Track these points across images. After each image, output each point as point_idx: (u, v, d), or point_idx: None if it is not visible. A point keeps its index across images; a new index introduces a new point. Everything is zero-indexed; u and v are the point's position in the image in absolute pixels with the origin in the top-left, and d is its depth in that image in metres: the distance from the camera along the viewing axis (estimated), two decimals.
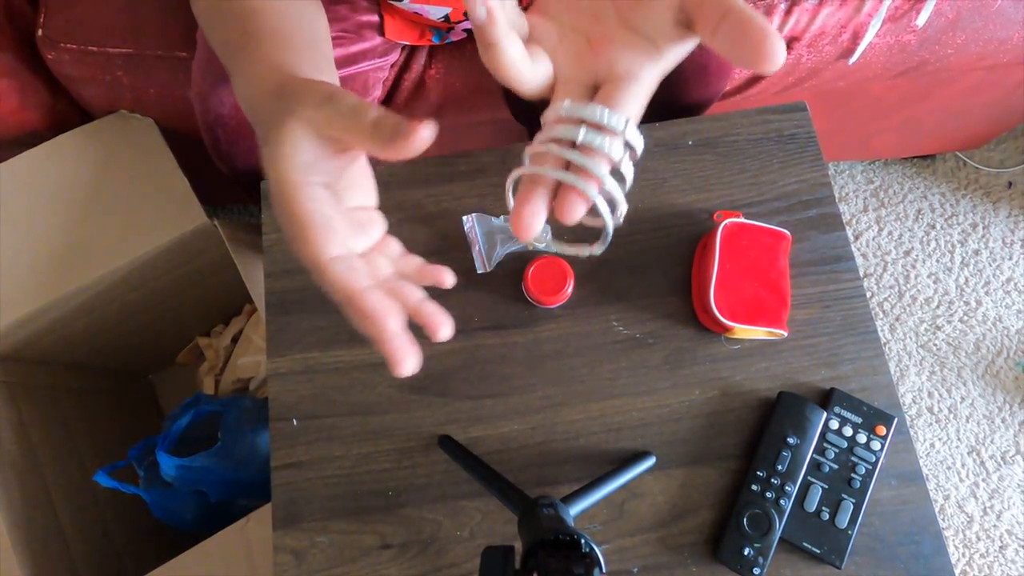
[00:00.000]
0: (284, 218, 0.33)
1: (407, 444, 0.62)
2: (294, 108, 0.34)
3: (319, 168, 0.34)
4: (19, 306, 0.84)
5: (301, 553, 0.59)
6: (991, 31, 0.89)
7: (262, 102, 0.39)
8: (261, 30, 0.46)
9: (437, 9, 0.70)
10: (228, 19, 0.49)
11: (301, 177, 0.33)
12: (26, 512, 0.82)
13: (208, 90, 0.71)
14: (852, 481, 0.58)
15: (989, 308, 1.29)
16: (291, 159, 0.33)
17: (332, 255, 0.33)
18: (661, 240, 0.66)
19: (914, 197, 1.36)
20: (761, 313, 0.60)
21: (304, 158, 0.33)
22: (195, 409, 0.93)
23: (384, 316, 0.32)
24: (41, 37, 0.84)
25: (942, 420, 1.24)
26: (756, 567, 0.56)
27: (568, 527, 0.43)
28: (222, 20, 0.50)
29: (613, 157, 0.32)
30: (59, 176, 0.89)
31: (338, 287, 0.33)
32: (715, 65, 0.71)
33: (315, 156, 0.34)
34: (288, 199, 0.33)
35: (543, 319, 0.64)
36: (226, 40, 0.48)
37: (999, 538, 1.18)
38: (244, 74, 0.43)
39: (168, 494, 0.90)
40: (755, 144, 0.68)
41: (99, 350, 1.05)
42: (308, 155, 0.34)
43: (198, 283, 1.02)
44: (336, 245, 0.33)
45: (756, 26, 0.27)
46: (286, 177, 0.33)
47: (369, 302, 0.32)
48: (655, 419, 0.62)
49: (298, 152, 0.33)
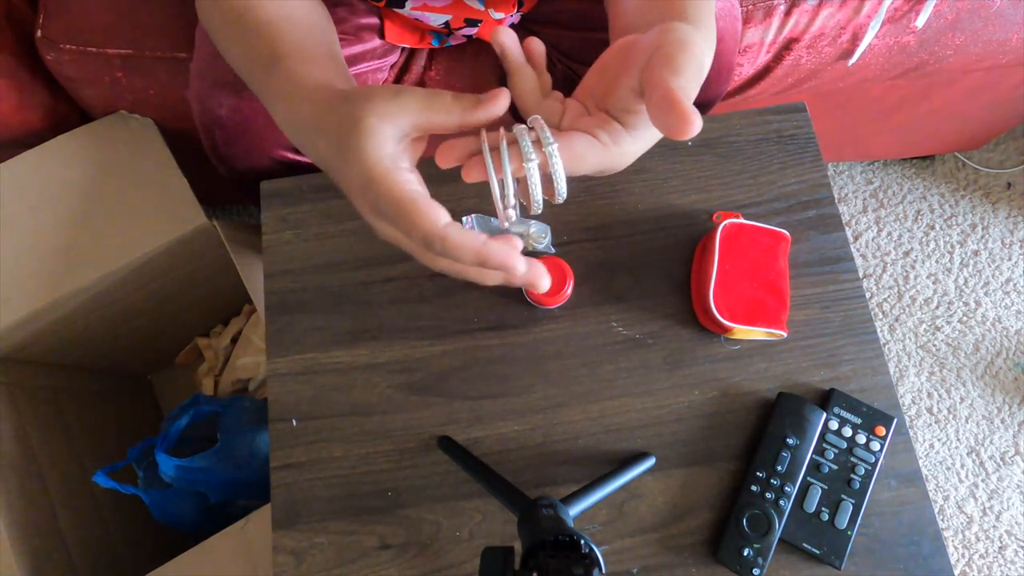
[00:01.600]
0: (385, 205, 0.36)
1: (407, 444, 0.62)
2: (367, 107, 0.37)
3: (402, 156, 0.37)
4: (19, 307, 0.84)
5: (300, 554, 0.59)
6: (990, 32, 0.89)
7: (319, 112, 0.41)
8: (289, 48, 0.47)
9: (437, 16, 0.70)
10: (249, 37, 0.49)
11: (391, 164, 0.36)
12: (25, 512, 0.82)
13: (206, 92, 0.71)
14: (851, 482, 0.58)
15: (988, 309, 1.29)
16: (378, 152, 0.36)
17: (444, 222, 0.35)
18: (661, 240, 0.66)
19: (913, 198, 1.36)
20: (760, 314, 0.60)
21: (389, 149, 0.36)
22: (194, 410, 0.93)
23: (511, 256, 0.35)
24: (40, 38, 0.84)
25: (941, 421, 1.24)
26: (756, 568, 0.56)
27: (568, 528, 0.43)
28: (243, 37, 0.50)
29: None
30: (59, 176, 0.89)
31: (464, 248, 0.35)
32: (716, 68, 0.71)
33: (395, 147, 0.37)
34: (387, 188, 0.36)
35: (543, 320, 0.64)
36: (249, 58, 0.49)
37: (998, 539, 1.18)
38: (284, 93, 0.45)
39: (167, 495, 0.90)
40: (755, 145, 0.68)
41: (99, 351, 1.05)
42: (391, 146, 0.36)
43: (197, 283, 1.02)
44: (443, 214, 0.36)
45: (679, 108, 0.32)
46: (377, 169, 0.36)
47: (494, 249, 0.35)
48: (655, 420, 0.62)
49: (382, 145, 0.36)
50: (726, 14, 0.69)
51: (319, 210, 0.68)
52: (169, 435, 0.90)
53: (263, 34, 0.48)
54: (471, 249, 0.35)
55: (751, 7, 0.83)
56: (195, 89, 0.73)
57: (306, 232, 0.68)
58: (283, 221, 0.68)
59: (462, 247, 0.35)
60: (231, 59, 0.53)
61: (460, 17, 0.71)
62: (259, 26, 0.49)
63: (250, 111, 0.70)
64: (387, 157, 0.37)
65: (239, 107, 0.70)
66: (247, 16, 0.49)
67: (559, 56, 0.77)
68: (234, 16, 0.50)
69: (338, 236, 0.67)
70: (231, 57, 0.53)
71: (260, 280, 0.68)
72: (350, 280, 0.66)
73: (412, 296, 0.65)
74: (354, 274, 0.66)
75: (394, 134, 0.37)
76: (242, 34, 0.50)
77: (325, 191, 0.69)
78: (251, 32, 0.49)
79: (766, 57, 0.89)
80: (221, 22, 0.52)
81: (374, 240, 0.67)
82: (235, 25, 0.51)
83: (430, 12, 0.69)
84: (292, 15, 0.50)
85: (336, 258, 0.67)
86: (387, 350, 0.64)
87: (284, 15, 0.49)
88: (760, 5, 0.83)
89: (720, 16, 0.68)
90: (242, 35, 0.50)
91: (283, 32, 0.48)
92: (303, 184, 0.69)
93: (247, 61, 0.50)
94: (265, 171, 0.73)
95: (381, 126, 0.36)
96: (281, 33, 0.48)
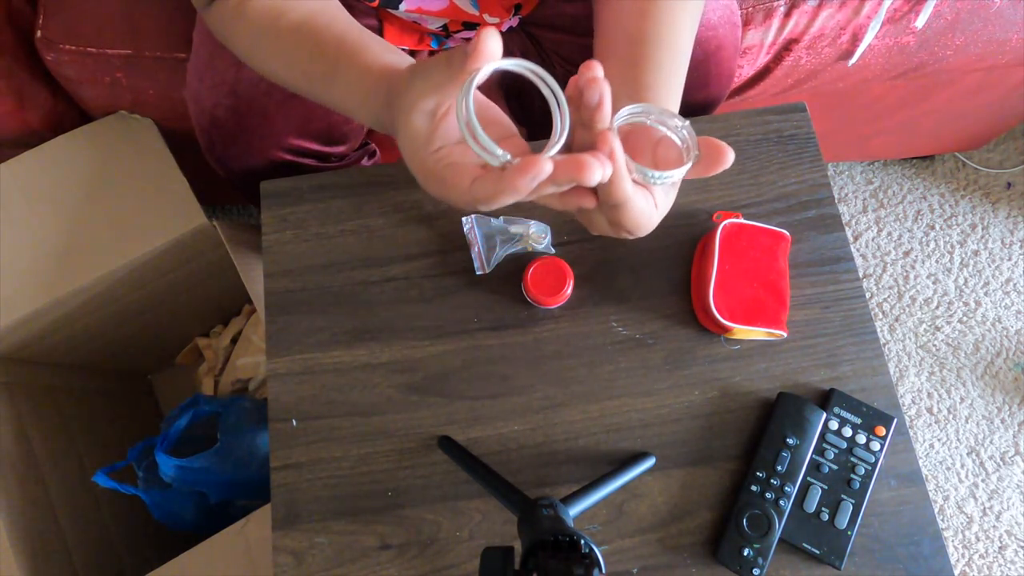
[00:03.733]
0: (428, 184, 0.39)
1: (407, 444, 0.62)
2: (396, 103, 0.39)
3: (430, 139, 0.39)
4: (19, 306, 0.84)
5: (300, 554, 0.59)
6: (990, 32, 0.89)
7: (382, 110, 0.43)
8: (340, 54, 0.48)
9: (435, 20, 0.70)
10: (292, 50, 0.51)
11: (420, 147, 0.39)
12: (25, 512, 0.82)
13: (204, 92, 0.71)
14: (851, 482, 0.58)
15: (988, 309, 1.29)
16: (408, 147, 0.39)
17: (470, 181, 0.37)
18: (661, 240, 0.66)
19: (913, 198, 1.36)
20: (760, 314, 0.60)
21: (417, 141, 0.39)
22: (194, 410, 0.93)
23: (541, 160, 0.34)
24: (40, 38, 0.84)
25: (941, 421, 1.24)
26: (756, 568, 0.56)
27: (568, 528, 0.43)
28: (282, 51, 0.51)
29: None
30: (59, 176, 0.89)
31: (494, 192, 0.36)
32: (717, 74, 0.72)
33: (429, 125, 0.38)
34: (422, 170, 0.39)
35: (543, 319, 0.64)
36: (304, 71, 0.51)
37: (998, 539, 1.18)
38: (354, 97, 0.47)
39: (167, 495, 0.90)
40: (755, 145, 0.68)
41: (98, 351, 1.05)
42: (420, 136, 0.38)
43: (197, 284, 1.02)
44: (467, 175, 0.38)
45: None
46: (407, 153, 0.39)
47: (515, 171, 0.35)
48: (655, 420, 0.62)
49: (411, 139, 0.39)
50: (726, 21, 0.69)
51: (319, 210, 0.68)
52: (169, 435, 0.90)
53: (304, 44, 0.50)
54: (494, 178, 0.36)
55: (751, 9, 0.83)
56: (192, 90, 0.72)
57: (306, 232, 0.68)
58: (283, 221, 0.68)
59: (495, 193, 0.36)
60: (273, 75, 0.54)
61: (457, 21, 0.71)
62: (296, 35, 0.50)
63: (247, 112, 0.70)
64: (420, 147, 0.39)
65: (236, 108, 0.70)
66: (278, 26, 0.51)
67: (558, 60, 0.76)
68: (264, 27, 0.51)
69: (338, 236, 0.67)
70: (273, 73, 0.54)
71: (260, 280, 0.68)
72: (350, 280, 0.66)
73: (412, 296, 0.65)
74: (354, 274, 0.66)
75: (426, 119, 0.38)
76: (280, 47, 0.51)
77: (325, 191, 0.69)
78: (290, 44, 0.50)
79: (766, 58, 0.89)
80: (250, 35, 0.53)
81: (374, 240, 0.67)
82: (268, 37, 0.52)
83: (426, 15, 0.69)
84: (319, 9, 0.51)
85: (336, 258, 0.67)
86: (387, 350, 0.64)
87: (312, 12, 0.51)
88: (760, 7, 0.83)
89: (719, 24, 0.68)
90: (280, 48, 0.51)
91: (320, 35, 0.49)
92: (303, 184, 0.69)
93: (300, 76, 0.51)
94: (263, 172, 0.73)
95: (407, 120, 0.38)
96: (320, 36, 0.49)
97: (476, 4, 0.68)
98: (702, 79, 0.70)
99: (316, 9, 0.51)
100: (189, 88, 0.73)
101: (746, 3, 0.82)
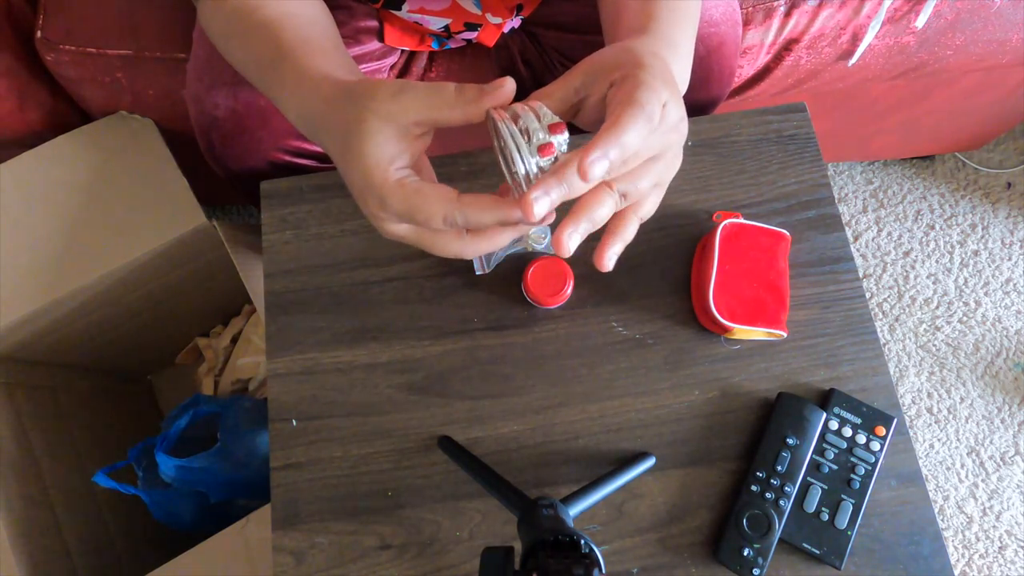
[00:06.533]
0: (394, 203, 0.38)
1: (407, 445, 0.62)
2: (369, 106, 0.37)
3: (401, 156, 0.38)
4: (19, 306, 0.84)
5: (300, 554, 0.59)
6: (990, 32, 0.89)
7: (325, 109, 0.41)
8: (293, 42, 0.47)
9: (437, 20, 0.70)
10: (252, 36, 0.49)
11: (390, 167, 0.37)
12: (25, 512, 0.82)
13: (203, 92, 0.71)
14: (851, 482, 0.58)
15: (988, 309, 1.29)
16: (377, 155, 0.37)
17: (454, 195, 0.37)
18: (660, 241, 0.66)
19: (913, 198, 1.36)
20: (760, 314, 0.60)
21: (389, 151, 0.37)
22: (194, 410, 0.93)
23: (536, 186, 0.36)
24: (40, 39, 0.84)
25: (941, 421, 1.24)
26: (756, 568, 0.56)
27: (568, 528, 0.43)
28: (246, 38, 0.50)
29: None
30: (59, 176, 0.89)
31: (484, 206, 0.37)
32: (718, 71, 0.72)
33: (396, 147, 0.37)
34: (390, 188, 0.37)
35: (543, 320, 0.64)
36: (256, 57, 0.49)
37: (998, 539, 1.18)
38: (291, 87, 0.45)
39: (167, 495, 0.90)
40: (754, 145, 0.68)
41: (98, 351, 1.05)
42: (390, 147, 0.37)
43: (197, 284, 1.02)
44: (451, 189, 0.37)
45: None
46: (376, 173, 0.37)
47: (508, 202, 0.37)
48: (654, 420, 0.62)
49: (383, 146, 0.37)
50: (727, 19, 0.69)
51: (319, 210, 0.68)
52: (169, 435, 0.90)
53: (266, 32, 0.48)
54: (490, 203, 0.36)
55: (751, 9, 0.83)
56: (192, 90, 0.72)
57: (306, 232, 0.68)
58: (283, 221, 0.68)
59: (483, 207, 0.36)
60: (235, 61, 0.53)
61: (460, 21, 0.71)
62: (262, 25, 0.49)
63: (247, 112, 0.70)
64: (386, 159, 0.37)
65: (236, 108, 0.70)
66: (250, 17, 0.50)
67: (560, 58, 0.76)
68: (236, 17, 0.50)
69: (338, 236, 0.67)
70: (235, 59, 0.53)
71: (260, 280, 0.68)
72: (350, 280, 0.66)
73: (412, 296, 0.65)
74: (354, 274, 0.66)
75: (396, 134, 0.37)
76: (245, 34, 0.50)
77: (325, 191, 0.69)
78: (254, 31, 0.49)
79: (766, 58, 0.89)
80: (224, 23, 0.52)
81: (374, 240, 0.67)
82: (238, 25, 0.51)
83: (429, 15, 0.69)
84: (294, 11, 0.50)
85: (336, 258, 0.67)
86: (387, 350, 0.64)
87: (286, 12, 0.50)
88: (760, 6, 0.83)
89: (721, 21, 0.68)
90: (245, 35, 0.50)
91: (286, 28, 0.48)
92: (303, 184, 0.69)
93: (252, 60, 0.50)
94: (262, 173, 0.73)
95: (382, 127, 0.37)
96: (284, 29, 0.48)
97: (479, 4, 0.68)
98: (704, 76, 0.70)
99: (292, 11, 0.50)
100: (189, 88, 0.73)
101: (746, 3, 0.82)
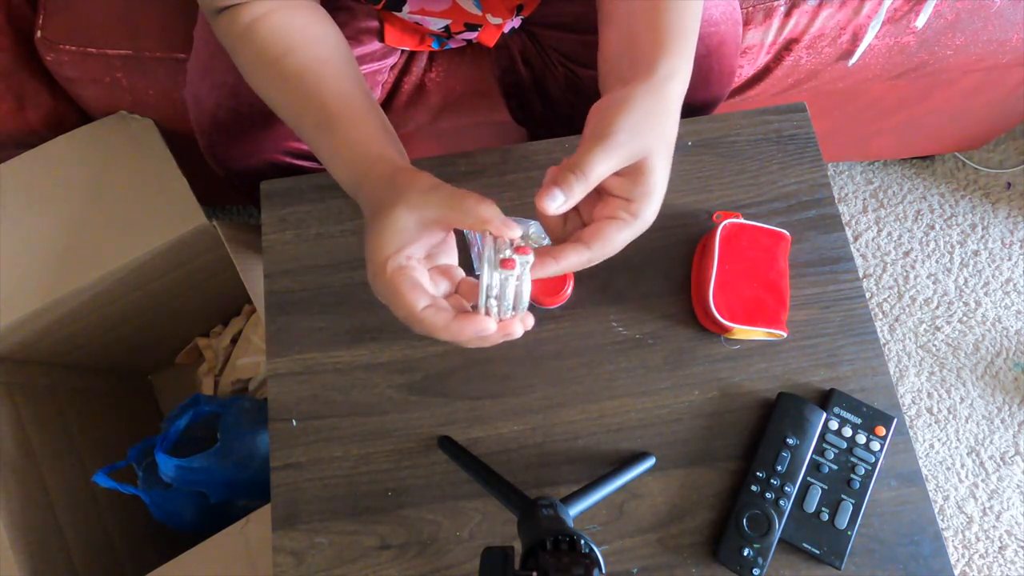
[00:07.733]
0: (380, 286, 0.43)
1: (407, 445, 0.62)
2: (403, 195, 0.43)
3: (417, 243, 0.43)
4: (19, 306, 0.84)
5: (300, 554, 0.59)
6: (990, 32, 0.89)
7: (372, 185, 0.47)
8: (339, 108, 0.51)
9: (438, 20, 0.70)
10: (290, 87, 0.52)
11: (398, 255, 0.43)
12: (25, 512, 0.82)
13: (203, 92, 0.71)
14: (851, 482, 0.58)
15: (988, 309, 1.29)
16: (390, 242, 0.43)
17: (422, 306, 0.42)
18: (660, 241, 0.66)
19: (913, 198, 1.36)
20: (760, 314, 0.60)
21: (402, 238, 0.43)
22: (194, 410, 0.93)
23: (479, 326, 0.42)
24: (40, 39, 0.84)
25: (941, 421, 1.24)
26: (756, 568, 0.56)
27: (568, 528, 0.43)
28: (283, 85, 0.53)
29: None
30: (59, 176, 0.89)
31: (435, 328, 0.42)
32: (719, 71, 0.72)
33: (412, 236, 0.43)
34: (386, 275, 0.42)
35: (543, 319, 0.64)
36: (296, 112, 0.53)
37: (998, 539, 1.18)
38: (344, 155, 0.50)
39: (167, 495, 0.90)
40: (754, 145, 0.68)
41: (99, 351, 1.05)
42: (406, 235, 0.43)
43: (197, 284, 1.02)
44: (423, 299, 0.42)
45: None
46: (383, 254, 0.43)
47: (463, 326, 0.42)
48: (654, 420, 0.62)
49: (399, 233, 0.43)
50: (727, 18, 0.69)
51: (319, 210, 0.68)
52: (169, 435, 0.90)
53: (305, 88, 0.51)
54: (441, 328, 0.42)
55: (751, 8, 0.83)
56: (193, 90, 0.72)
57: (306, 232, 0.68)
58: (283, 221, 0.68)
59: (434, 328, 0.42)
60: (267, 99, 0.55)
61: (460, 21, 0.71)
62: (297, 76, 0.51)
63: (247, 113, 0.70)
64: (395, 245, 0.43)
65: (236, 109, 0.70)
66: (282, 63, 0.52)
67: (560, 58, 0.77)
68: (268, 59, 0.52)
69: (338, 236, 0.67)
70: (266, 97, 0.55)
71: (260, 280, 0.68)
72: (350, 280, 0.66)
73: None
74: (354, 274, 0.66)
75: (415, 224, 0.43)
76: (281, 80, 0.52)
77: (325, 191, 0.69)
78: (291, 82, 0.52)
79: (766, 58, 0.89)
80: (253, 58, 0.54)
81: None
82: (271, 70, 0.53)
83: (429, 16, 0.69)
84: (324, 56, 0.53)
85: (336, 258, 0.67)
86: (387, 350, 0.64)
87: (317, 57, 0.52)
88: (760, 6, 0.83)
89: (721, 20, 0.68)
90: (281, 81, 0.52)
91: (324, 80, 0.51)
92: (303, 184, 0.69)
93: (293, 114, 0.53)
94: (262, 173, 0.73)
95: (406, 215, 0.43)
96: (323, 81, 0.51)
97: (479, 5, 0.68)
98: (704, 76, 0.71)
99: (324, 57, 0.52)
100: (189, 88, 0.73)
101: (746, 2, 0.82)
